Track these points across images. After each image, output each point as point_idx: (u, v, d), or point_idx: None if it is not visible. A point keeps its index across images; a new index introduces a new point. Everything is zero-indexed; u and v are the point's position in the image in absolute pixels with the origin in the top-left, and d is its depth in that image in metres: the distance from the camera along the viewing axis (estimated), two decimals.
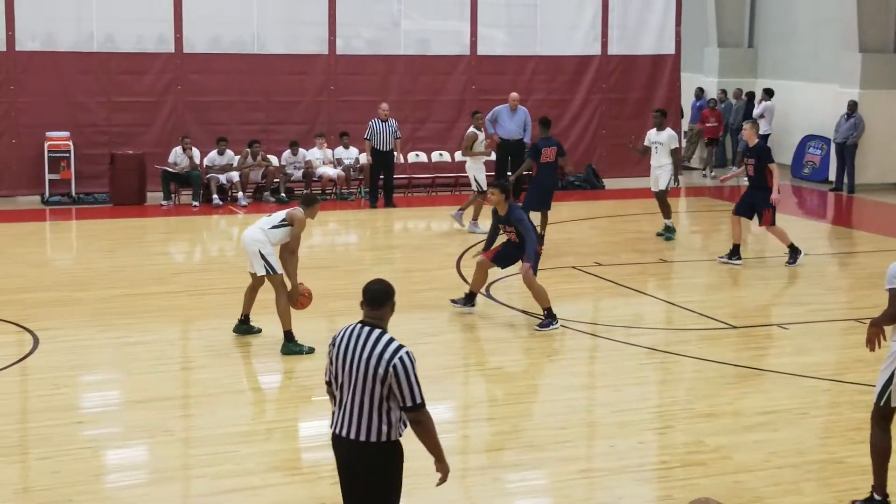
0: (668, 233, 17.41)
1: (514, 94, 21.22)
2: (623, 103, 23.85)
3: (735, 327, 12.41)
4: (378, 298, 6.00)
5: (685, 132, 25.58)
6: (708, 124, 25.11)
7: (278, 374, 10.89)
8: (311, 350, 11.10)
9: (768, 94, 24.63)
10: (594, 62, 23.65)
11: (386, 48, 22.63)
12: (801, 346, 11.59)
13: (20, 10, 19.85)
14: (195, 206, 19.75)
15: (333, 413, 6.09)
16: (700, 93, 26.63)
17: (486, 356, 11.68)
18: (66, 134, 19.98)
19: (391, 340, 5.89)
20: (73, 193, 19.99)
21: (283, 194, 20.55)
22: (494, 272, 14.74)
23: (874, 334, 7.65)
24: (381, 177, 20.37)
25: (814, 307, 13.33)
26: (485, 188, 17.44)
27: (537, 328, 12.16)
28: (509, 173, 21.10)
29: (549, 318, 12.20)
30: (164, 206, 19.75)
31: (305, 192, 13.01)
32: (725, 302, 13.84)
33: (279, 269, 11.19)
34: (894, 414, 7.71)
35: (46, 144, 19.79)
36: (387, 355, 5.81)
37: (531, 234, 12.24)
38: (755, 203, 15.44)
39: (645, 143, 17.82)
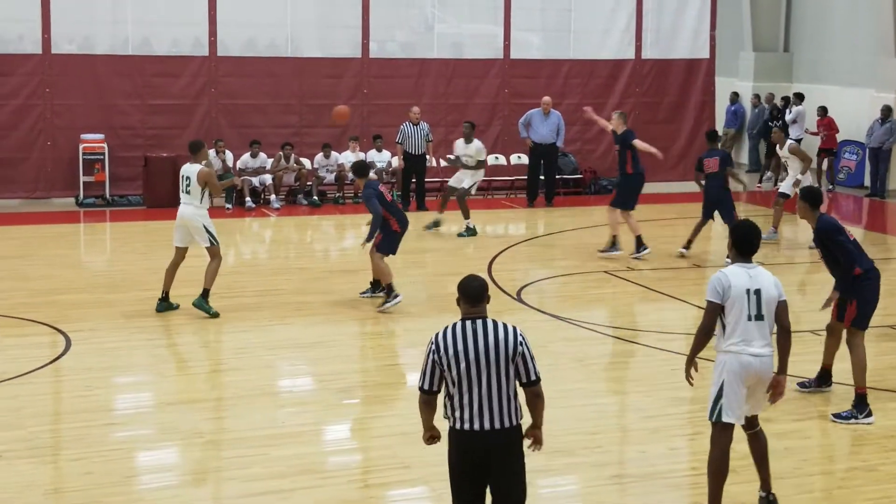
0: (467, 232, 18.00)
1: (546, 99, 21.25)
2: (657, 107, 23.74)
3: None
4: (479, 295, 6.24)
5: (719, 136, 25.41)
6: (820, 134, 23.48)
7: (309, 376, 10.93)
8: (216, 314, 12.27)
9: (799, 98, 24.44)
10: (628, 66, 23.57)
11: (419, 52, 22.64)
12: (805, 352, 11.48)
13: (56, 13, 20.01)
14: (228, 208, 19.83)
15: (453, 413, 6.18)
16: (735, 97, 26.50)
17: None
18: (100, 136, 20.12)
19: (505, 323, 6.24)
20: (108, 195, 20.13)
21: (315, 197, 20.61)
22: (526, 276, 14.78)
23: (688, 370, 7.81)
24: (413, 180, 20.38)
25: None
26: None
27: (379, 309, 12.86)
28: (542, 177, 21.18)
29: (388, 293, 12.92)
30: None
31: (192, 141, 13.32)
32: None
33: (219, 239, 12.55)
34: (732, 431, 7.53)
35: (81, 147, 19.93)
36: (510, 337, 6.15)
37: (375, 217, 12.77)
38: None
39: (453, 155, 18.53)
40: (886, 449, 8.86)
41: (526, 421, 6.37)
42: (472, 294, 6.23)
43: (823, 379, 10.27)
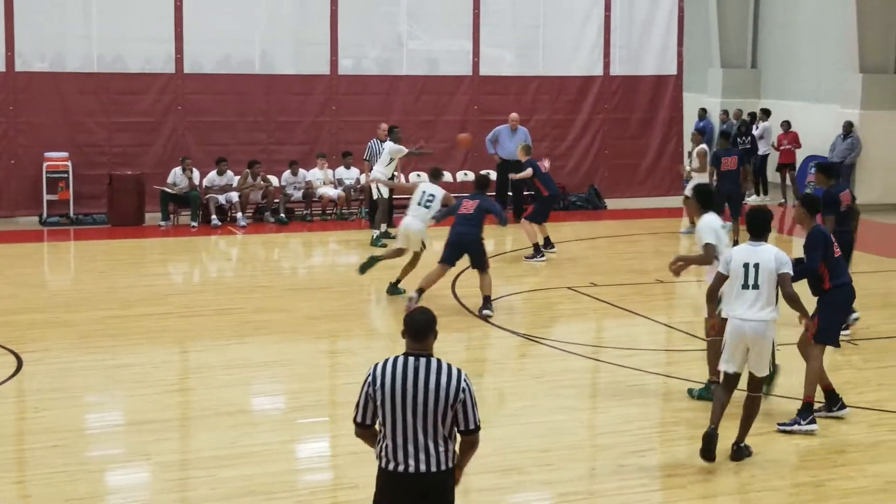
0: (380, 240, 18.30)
1: (513, 115, 21.27)
2: (626, 123, 23.81)
3: None
4: (422, 330, 5.86)
5: (688, 152, 25.49)
6: (782, 147, 23.85)
7: (262, 396, 10.83)
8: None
9: (766, 114, 24.58)
10: (597, 82, 23.62)
11: (393, 68, 22.62)
12: (789, 368, 11.45)
13: (20, 30, 19.90)
14: (194, 226, 19.74)
15: (382, 451, 5.86)
16: (703, 113, 26.58)
17: (473, 378, 11.47)
18: (64, 154, 19.99)
19: (451, 366, 5.85)
20: (72, 214, 19.98)
21: (282, 215, 20.53)
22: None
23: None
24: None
25: None
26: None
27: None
28: (510, 193, 21.16)
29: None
30: (162, 227, 19.74)
31: (433, 168, 15.49)
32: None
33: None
34: (733, 380, 8.85)
35: (45, 165, 19.81)
36: (454, 381, 5.76)
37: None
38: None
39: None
40: (835, 464, 8.85)
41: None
42: (416, 328, 5.86)
43: (832, 402, 9.98)
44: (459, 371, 5.85)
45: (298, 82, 21.76)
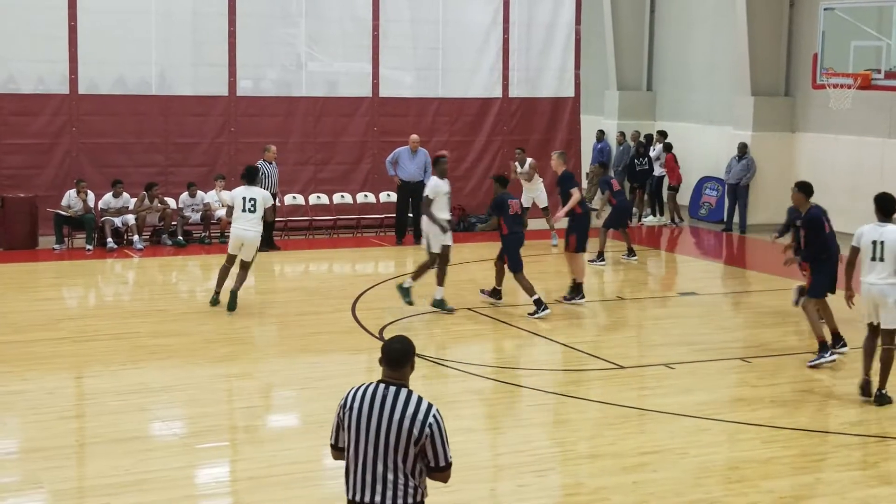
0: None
1: (414, 136, 21.33)
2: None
3: (623, 367, 12.46)
4: (399, 359, 5.65)
5: (586, 174, 25.84)
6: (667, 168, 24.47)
7: (157, 421, 10.62)
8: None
9: (662, 135, 25.03)
10: (496, 104, 23.81)
11: (292, 89, 22.51)
12: (685, 386, 11.68)
13: None
14: (89, 250, 19.37)
15: (346, 478, 5.68)
16: (601, 135, 26.95)
17: None
18: None
19: (421, 399, 5.59)
20: None
21: (180, 237, 20.27)
22: (391, 314, 14.74)
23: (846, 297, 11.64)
24: None
25: (702, 346, 13.49)
26: None
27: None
28: (410, 214, 21.20)
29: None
30: (56, 251, 19.34)
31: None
32: (617, 342, 13.91)
33: None
34: (871, 329, 10.84)
35: None
36: (420, 416, 5.49)
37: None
38: (568, 230, 16.35)
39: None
40: (730, 480, 8.99)
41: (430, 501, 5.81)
42: (392, 357, 5.64)
43: (836, 339, 12.72)
44: (430, 406, 5.56)
45: (196, 103, 21.53)
